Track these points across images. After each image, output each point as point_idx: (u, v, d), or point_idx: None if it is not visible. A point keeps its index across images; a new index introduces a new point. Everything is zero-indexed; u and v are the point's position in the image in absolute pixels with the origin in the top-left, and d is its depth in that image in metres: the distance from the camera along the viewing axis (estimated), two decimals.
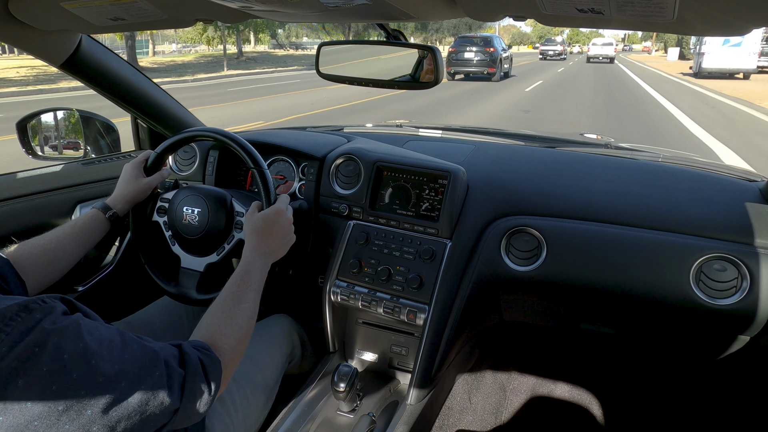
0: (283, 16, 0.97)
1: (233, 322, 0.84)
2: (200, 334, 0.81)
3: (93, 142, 1.56)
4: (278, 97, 12.15)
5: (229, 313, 0.86)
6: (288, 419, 1.14)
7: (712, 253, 1.08)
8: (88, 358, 0.56)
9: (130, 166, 1.17)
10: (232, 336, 0.82)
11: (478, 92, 12.72)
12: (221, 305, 0.87)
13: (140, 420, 0.60)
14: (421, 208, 1.28)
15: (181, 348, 0.71)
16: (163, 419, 0.65)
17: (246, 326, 0.87)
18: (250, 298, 0.90)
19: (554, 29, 52.39)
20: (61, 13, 0.98)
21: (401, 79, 1.13)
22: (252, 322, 0.89)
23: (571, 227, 1.20)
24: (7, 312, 0.54)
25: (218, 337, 0.81)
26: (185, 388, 0.67)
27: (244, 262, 0.96)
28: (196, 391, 0.69)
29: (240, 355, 0.84)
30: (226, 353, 0.79)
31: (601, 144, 1.74)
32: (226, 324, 0.84)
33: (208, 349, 0.76)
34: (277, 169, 1.45)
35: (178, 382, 0.66)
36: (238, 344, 0.83)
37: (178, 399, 0.65)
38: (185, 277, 1.16)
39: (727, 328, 1.13)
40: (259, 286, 0.94)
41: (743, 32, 0.69)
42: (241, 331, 0.85)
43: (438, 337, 1.20)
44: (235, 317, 0.85)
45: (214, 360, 0.74)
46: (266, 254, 0.99)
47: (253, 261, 0.96)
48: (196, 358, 0.71)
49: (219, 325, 0.83)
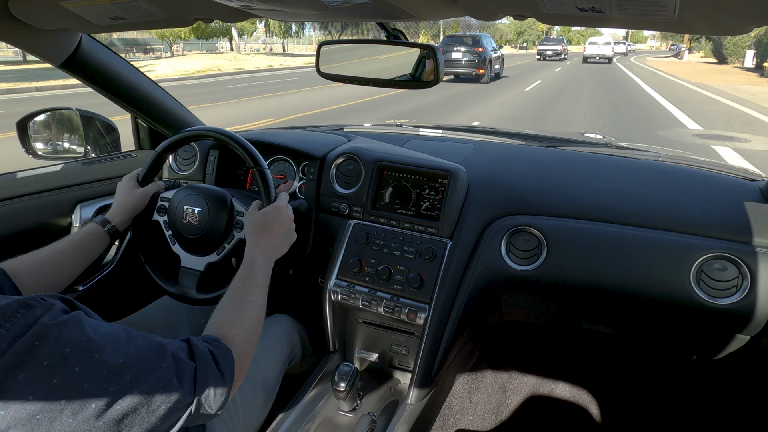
0: (284, 16, 0.97)
1: (242, 315, 0.84)
2: (209, 329, 0.81)
3: (93, 142, 1.56)
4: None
5: (236, 308, 0.85)
6: (288, 419, 1.14)
7: (712, 253, 1.08)
8: (91, 351, 0.56)
9: (125, 180, 1.18)
10: (242, 328, 0.82)
11: (467, 95, 12.22)
12: (228, 302, 0.87)
13: (148, 413, 0.60)
14: (422, 207, 1.28)
15: (189, 341, 0.71)
16: (177, 413, 0.64)
17: (256, 318, 0.86)
18: (257, 291, 0.90)
19: (542, 26, 49.94)
20: (61, 13, 0.98)
21: (402, 78, 1.13)
22: (261, 315, 0.89)
23: (572, 227, 1.20)
24: (6, 309, 0.54)
25: (227, 329, 0.80)
26: (197, 380, 0.66)
27: (247, 259, 0.96)
28: (209, 382, 0.68)
29: (252, 348, 0.84)
30: (237, 344, 0.79)
31: (601, 143, 1.74)
32: (234, 317, 0.84)
33: (218, 341, 0.75)
34: (277, 169, 1.45)
35: (189, 374, 0.66)
36: (249, 336, 0.83)
37: (190, 391, 0.65)
38: (185, 276, 1.16)
39: (728, 328, 1.13)
40: (265, 281, 0.94)
41: (743, 31, 0.69)
42: (250, 322, 0.85)
43: (438, 337, 1.20)
44: (243, 311, 0.85)
45: (224, 350, 0.74)
46: (268, 251, 1.00)
47: (256, 257, 0.96)
48: (206, 349, 0.71)
49: (227, 319, 0.83)
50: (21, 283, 0.87)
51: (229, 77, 18.00)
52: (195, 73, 18.44)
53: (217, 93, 12.66)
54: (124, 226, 1.13)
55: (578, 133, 2.02)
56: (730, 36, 9.01)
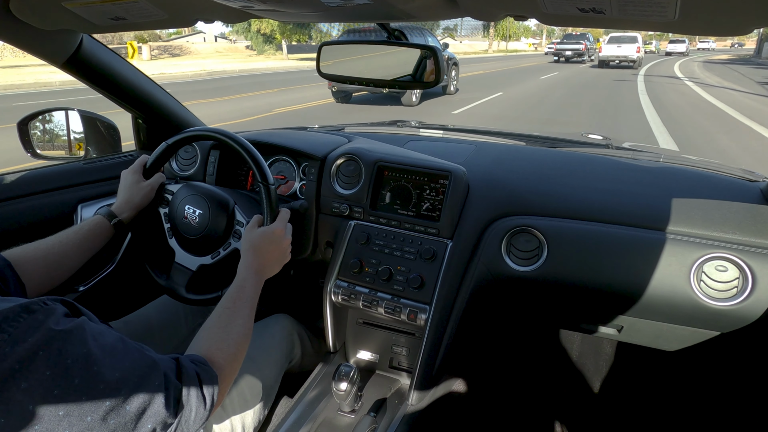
0: (284, 16, 0.97)
1: (229, 338, 0.85)
2: (196, 348, 0.81)
3: (94, 142, 1.56)
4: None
5: (224, 329, 0.86)
6: (288, 419, 1.14)
7: (712, 254, 1.07)
8: (90, 364, 0.56)
9: (129, 173, 1.16)
10: (228, 351, 0.83)
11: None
12: (217, 320, 0.87)
13: (135, 429, 0.60)
14: (422, 208, 1.28)
15: (178, 361, 0.71)
16: (159, 430, 0.64)
17: (241, 342, 0.87)
18: (245, 314, 0.91)
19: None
20: (62, 13, 0.99)
21: (402, 78, 1.13)
22: (247, 338, 0.90)
23: (572, 227, 1.19)
24: (9, 313, 0.54)
25: (214, 351, 0.81)
26: (181, 401, 0.67)
27: (239, 278, 0.97)
28: (191, 405, 0.69)
29: (235, 371, 0.85)
30: (223, 368, 0.79)
31: (602, 144, 1.74)
32: (222, 339, 0.84)
33: (206, 363, 0.76)
34: (278, 169, 1.45)
35: (174, 395, 0.66)
36: (233, 359, 0.83)
37: (173, 411, 0.65)
38: (177, 272, 1.16)
39: (728, 329, 1.13)
40: (253, 303, 0.95)
41: (744, 32, 0.69)
42: (237, 346, 0.85)
43: (439, 338, 1.20)
44: (230, 333, 0.86)
45: (211, 374, 0.75)
46: (259, 272, 1.00)
47: (248, 278, 0.97)
48: (194, 371, 0.72)
49: (215, 339, 0.84)
50: (25, 274, 0.87)
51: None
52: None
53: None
54: (130, 220, 1.13)
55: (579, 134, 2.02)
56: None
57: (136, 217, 1.15)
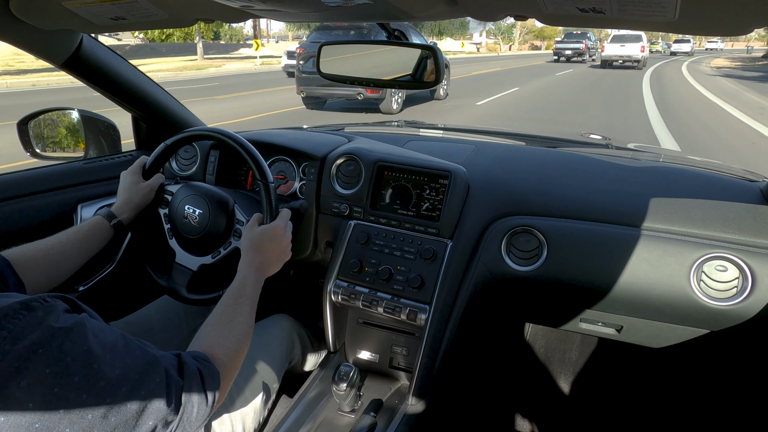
0: (284, 16, 0.97)
1: (230, 335, 0.85)
2: (198, 345, 0.81)
3: (94, 142, 1.56)
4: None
5: (226, 326, 0.86)
6: (288, 419, 1.14)
7: (712, 254, 1.07)
8: (91, 361, 0.56)
9: (128, 174, 1.16)
10: (230, 347, 0.83)
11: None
12: (218, 318, 0.87)
13: (136, 426, 0.60)
14: (422, 208, 1.28)
15: (180, 358, 0.71)
16: (160, 430, 0.64)
17: (243, 339, 0.87)
18: (246, 312, 0.91)
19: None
20: (63, 13, 0.99)
21: (402, 78, 1.13)
22: (248, 335, 0.90)
23: (572, 227, 1.19)
24: (8, 309, 0.54)
25: (216, 348, 0.81)
26: (183, 398, 0.67)
27: (240, 276, 0.97)
28: (193, 402, 0.68)
29: (236, 369, 0.85)
30: (224, 365, 0.79)
31: (602, 144, 1.74)
32: (223, 336, 0.84)
33: (207, 360, 0.76)
34: (277, 169, 1.45)
35: (175, 392, 0.66)
36: (235, 357, 0.83)
37: (175, 408, 0.65)
38: (177, 273, 1.17)
39: (727, 328, 1.13)
40: (254, 300, 0.95)
41: (744, 32, 0.69)
42: (238, 344, 0.85)
43: (439, 338, 1.20)
44: (232, 330, 0.86)
45: (213, 371, 0.75)
46: (260, 270, 1.00)
47: (248, 276, 0.97)
48: (195, 368, 0.72)
49: (217, 336, 0.84)
50: (25, 273, 0.87)
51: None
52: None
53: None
54: (130, 221, 1.13)
55: (579, 134, 2.02)
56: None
57: (135, 218, 1.15)
